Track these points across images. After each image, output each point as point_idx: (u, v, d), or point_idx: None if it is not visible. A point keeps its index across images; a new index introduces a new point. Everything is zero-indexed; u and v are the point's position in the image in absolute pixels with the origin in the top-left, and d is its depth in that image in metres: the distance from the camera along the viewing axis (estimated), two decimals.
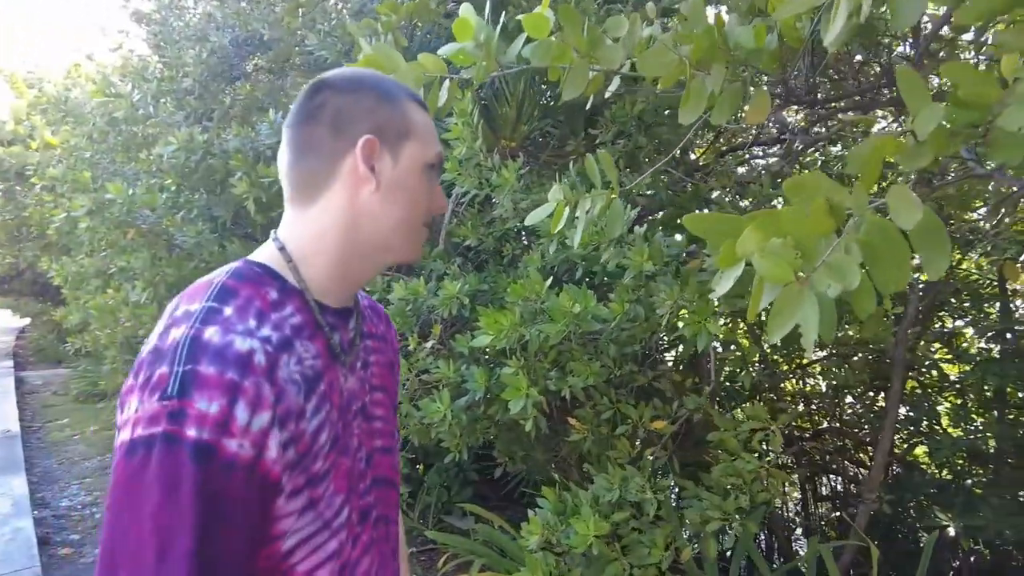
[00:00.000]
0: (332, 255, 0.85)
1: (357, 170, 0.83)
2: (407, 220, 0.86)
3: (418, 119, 0.88)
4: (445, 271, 2.83)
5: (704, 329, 1.73)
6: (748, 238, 0.72)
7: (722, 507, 1.90)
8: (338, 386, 0.83)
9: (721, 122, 1.17)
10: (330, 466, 0.79)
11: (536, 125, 3.50)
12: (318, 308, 0.83)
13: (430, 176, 0.88)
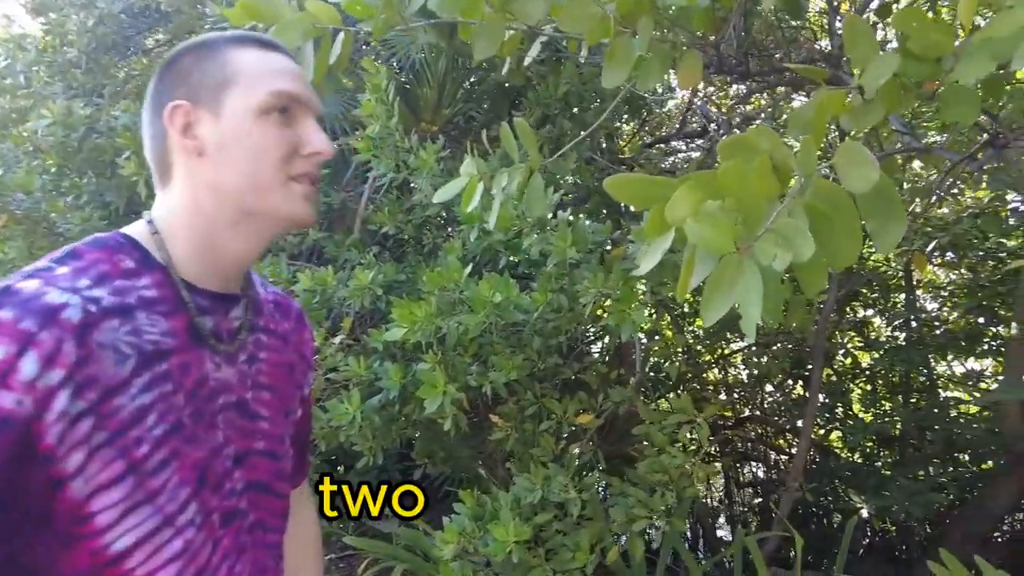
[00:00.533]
0: (192, 233, 0.80)
1: (180, 142, 0.79)
2: (254, 176, 0.78)
3: (242, 62, 0.80)
4: (360, 260, 2.64)
5: (629, 319, 1.63)
6: (680, 201, 0.60)
7: (648, 504, 1.81)
8: (198, 372, 0.78)
9: (648, 87, 1.06)
10: (169, 455, 0.72)
11: (459, 108, 3.35)
12: (185, 287, 0.78)
13: (272, 120, 0.79)
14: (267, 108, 0.78)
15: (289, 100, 0.79)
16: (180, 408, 0.75)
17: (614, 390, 2.15)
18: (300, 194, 0.79)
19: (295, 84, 0.80)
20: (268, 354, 0.89)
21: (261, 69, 0.79)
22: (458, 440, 2.33)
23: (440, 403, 1.70)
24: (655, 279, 1.79)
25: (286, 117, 0.79)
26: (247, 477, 0.83)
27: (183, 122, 0.78)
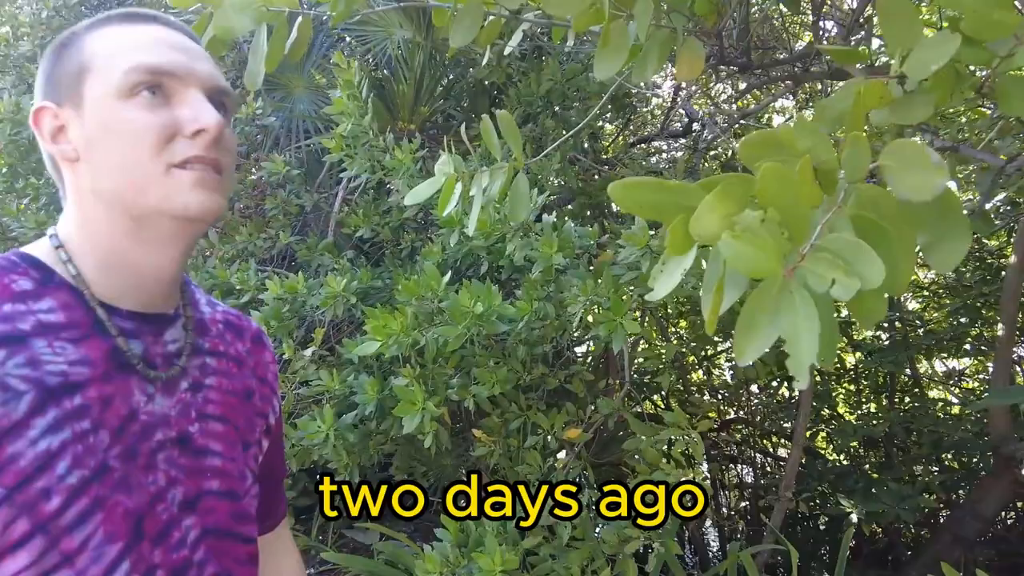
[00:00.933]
0: (95, 248, 0.69)
1: (53, 149, 0.70)
2: (127, 171, 0.65)
3: (98, 45, 0.69)
4: (333, 266, 2.51)
5: (620, 327, 1.52)
6: (709, 212, 0.49)
7: (641, 524, 1.71)
8: (124, 405, 0.66)
9: (645, 79, 0.94)
10: (90, 505, 0.61)
11: (437, 106, 3.22)
12: (103, 309, 0.67)
13: (139, 103, 0.66)
14: (127, 88, 0.65)
15: (156, 75, 0.66)
16: (103, 449, 0.63)
17: (602, 400, 2.04)
18: (188, 182, 0.65)
19: (163, 55, 0.67)
20: (218, 379, 0.78)
21: (119, 46, 0.67)
22: (440, 455, 2.21)
23: (419, 420, 1.57)
24: (644, 286, 1.68)
25: (159, 96, 0.66)
26: (202, 523, 0.72)
27: (51, 126, 0.69)
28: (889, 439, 4.15)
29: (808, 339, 0.46)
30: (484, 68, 2.48)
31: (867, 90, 0.62)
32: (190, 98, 0.67)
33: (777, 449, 5.04)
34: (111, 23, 0.70)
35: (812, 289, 0.47)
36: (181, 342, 0.74)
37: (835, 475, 3.99)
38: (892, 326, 4.21)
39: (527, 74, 2.46)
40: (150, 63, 0.66)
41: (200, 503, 0.72)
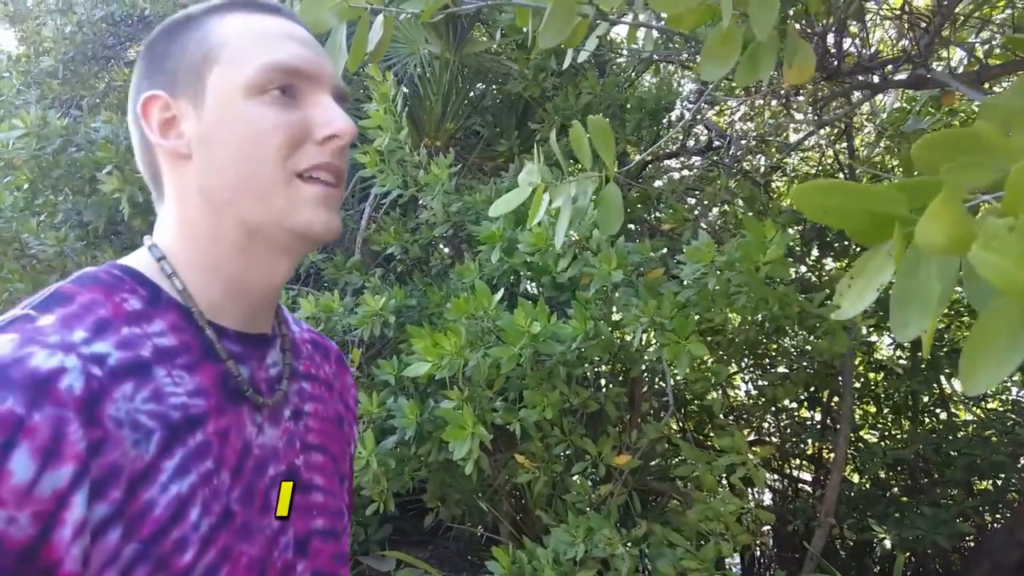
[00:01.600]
0: (197, 258, 0.62)
1: (160, 143, 0.62)
2: (248, 175, 0.59)
3: (226, 31, 0.62)
4: (363, 284, 2.44)
5: (685, 351, 1.45)
6: (936, 219, 0.42)
7: (701, 556, 1.62)
8: (241, 438, 0.59)
9: (749, 82, 0.88)
10: (218, 557, 0.54)
11: (463, 123, 3.17)
12: (212, 329, 0.60)
13: (268, 101, 0.59)
14: (259, 86, 0.59)
15: (291, 75, 0.60)
16: (226, 491, 0.57)
17: (648, 425, 1.96)
18: (311, 197, 0.60)
19: (299, 52, 0.62)
20: (314, 405, 0.71)
21: (251, 37, 0.61)
22: (477, 482, 2.12)
23: (468, 447, 1.49)
24: (704, 305, 1.61)
25: (289, 97, 0.61)
26: (312, 567, 0.65)
27: (161, 117, 0.61)
28: (915, 462, 4.05)
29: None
30: (519, 82, 2.43)
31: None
32: (320, 100, 0.61)
33: (800, 472, 4.92)
34: (236, 10, 0.64)
35: None
36: (280, 365, 0.68)
37: (865, 499, 3.88)
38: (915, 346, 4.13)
39: (563, 88, 2.42)
40: (287, 62, 0.60)
41: (310, 545, 0.65)
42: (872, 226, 0.48)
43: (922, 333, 0.46)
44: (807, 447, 4.69)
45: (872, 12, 1.83)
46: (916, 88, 1.18)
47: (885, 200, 0.48)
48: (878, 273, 0.49)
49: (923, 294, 0.47)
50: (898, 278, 0.50)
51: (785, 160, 3.58)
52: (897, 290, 0.50)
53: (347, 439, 0.77)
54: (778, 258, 1.52)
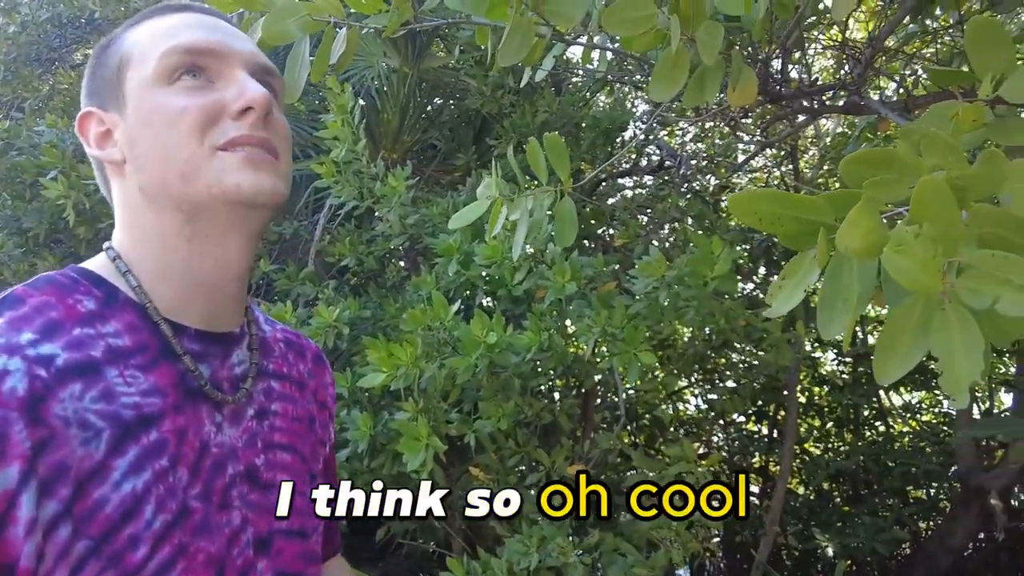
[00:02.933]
0: (148, 255, 0.63)
1: (100, 156, 0.65)
2: (170, 158, 0.60)
3: (136, 37, 0.65)
4: (316, 295, 2.42)
5: (635, 359, 1.49)
6: (855, 226, 0.46)
7: (650, 564, 1.66)
8: (199, 437, 0.60)
9: (697, 104, 0.93)
10: (173, 553, 0.55)
11: (421, 137, 3.20)
12: (171, 329, 0.61)
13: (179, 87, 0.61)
14: (166, 74, 0.61)
15: (193, 54, 0.61)
16: (184, 488, 0.58)
17: (601, 435, 2.00)
18: (235, 162, 0.60)
19: (199, 35, 0.63)
20: (282, 405, 0.71)
21: (156, 34, 0.64)
22: None
23: (422, 458, 1.50)
24: (654, 317, 1.67)
25: (201, 79, 0.62)
26: (273, 566, 0.65)
27: (97, 132, 0.65)
28: (856, 473, 4.21)
29: (969, 357, 0.44)
30: (477, 98, 2.47)
31: (965, 113, 0.61)
32: (234, 76, 0.62)
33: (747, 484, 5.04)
34: (146, 18, 0.67)
35: (969, 305, 0.45)
36: (247, 363, 0.68)
37: (809, 509, 4.01)
38: (858, 359, 4.31)
39: (521, 105, 2.47)
40: (186, 43, 0.62)
41: (272, 544, 0.66)
42: (801, 232, 0.53)
43: (844, 331, 0.50)
44: (754, 460, 4.83)
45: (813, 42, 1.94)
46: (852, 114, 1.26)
47: (812, 209, 0.53)
48: (806, 275, 0.53)
49: (845, 295, 0.51)
50: (823, 281, 0.55)
51: (734, 180, 3.72)
52: (822, 292, 0.55)
53: (320, 439, 0.77)
54: (725, 273, 1.59)
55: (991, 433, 2.65)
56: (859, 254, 0.46)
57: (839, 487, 4.51)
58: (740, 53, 0.88)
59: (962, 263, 0.47)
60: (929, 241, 0.44)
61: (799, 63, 1.38)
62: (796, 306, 0.55)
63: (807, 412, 4.78)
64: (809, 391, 4.63)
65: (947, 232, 0.46)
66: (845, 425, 4.73)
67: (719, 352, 3.21)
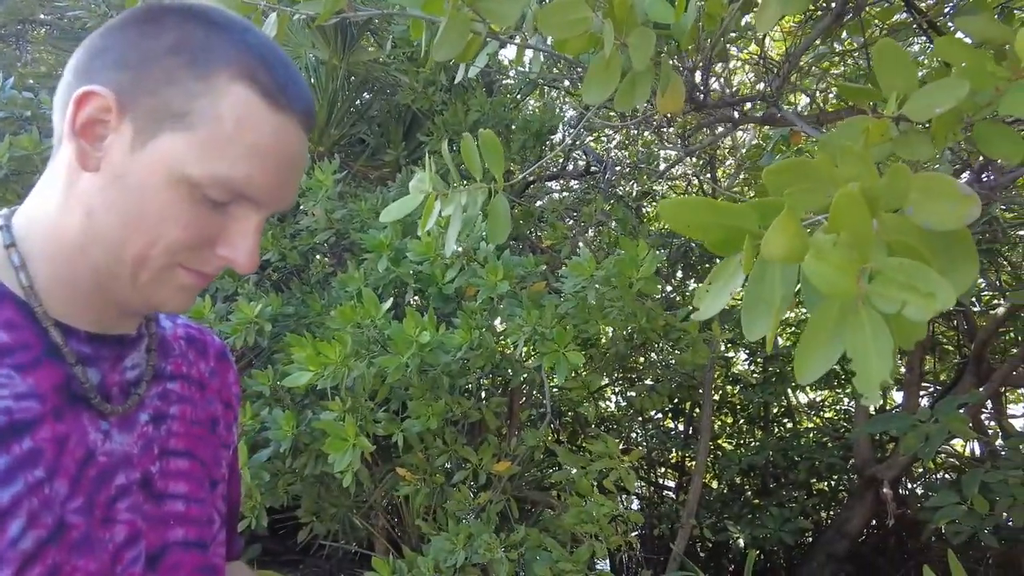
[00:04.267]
0: (56, 261, 0.57)
1: (74, 138, 0.55)
2: (135, 244, 0.54)
3: (222, 107, 0.53)
4: (236, 290, 2.32)
5: (562, 358, 1.52)
6: (780, 233, 0.49)
7: (575, 558, 1.69)
8: (81, 446, 0.56)
9: (627, 107, 0.96)
10: (46, 574, 0.51)
11: (348, 131, 3.13)
12: (58, 328, 0.56)
13: (197, 198, 0.54)
14: (201, 188, 0.54)
15: (237, 196, 0.56)
16: (61, 502, 0.53)
17: (528, 432, 2.02)
18: (181, 284, 0.57)
19: (264, 178, 0.55)
20: (181, 408, 0.67)
21: (239, 133, 0.54)
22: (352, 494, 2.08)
23: (349, 458, 1.47)
24: (581, 317, 1.70)
25: (222, 204, 0.56)
26: None
27: (88, 117, 0.54)
28: (766, 467, 4.45)
29: (880, 357, 0.47)
30: (408, 93, 2.45)
31: (874, 128, 0.66)
32: (248, 223, 0.57)
33: (665, 479, 5.23)
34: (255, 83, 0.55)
35: (880, 309, 0.49)
36: (142, 367, 0.64)
37: (722, 503, 4.21)
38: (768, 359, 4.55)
39: (452, 103, 2.46)
40: (243, 186, 0.55)
41: (164, 558, 0.61)
42: (727, 238, 0.56)
43: (767, 333, 0.53)
44: (671, 456, 5.02)
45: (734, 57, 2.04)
46: (769, 124, 1.33)
47: (738, 216, 0.56)
48: (731, 280, 0.56)
49: (768, 299, 0.54)
50: (748, 285, 0.58)
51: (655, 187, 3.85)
52: (747, 295, 0.58)
53: (223, 442, 0.73)
54: (650, 275, 1.64)
55: (883, 428, 2.86)
56: (783, 259, 0.49)
57: (750, 481, 4.74)
58: (668, 61, 0.91)
59: (874, 269, 0.51)
60: (845, 248, 0.48)
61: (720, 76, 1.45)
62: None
63: (720, 410, 5.01)
64: (722, 390, 4.85)
65: (861, 240, 0.49)
66: (756, 422, 4.99)
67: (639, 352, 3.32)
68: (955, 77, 0.62)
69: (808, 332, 0.50)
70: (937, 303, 0.45)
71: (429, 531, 1.70)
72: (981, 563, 3.68)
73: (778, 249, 0.49)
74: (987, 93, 0.67)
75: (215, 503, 0.69)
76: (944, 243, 0.61)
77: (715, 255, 0.59)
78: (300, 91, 0.58)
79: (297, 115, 0.57)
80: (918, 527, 3.58)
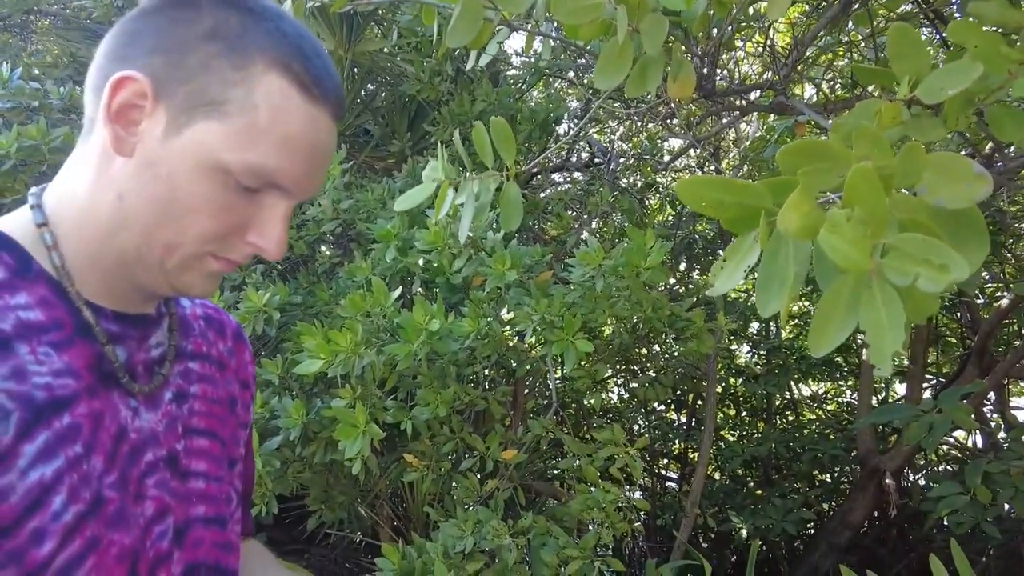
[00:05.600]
0: (88, 243, 0.58)
1: (109, 122, 0.55)
2: (165, 232, 0.55)
3: (258, 97, 0.54)
4: (243, 280, 2.34)
5: (572, 347, 1.53)
6: (794, 209, 0.50)
7: (581, 545, 1.71)
8: (115, 423, 0.57)
9: (639, 94, 0.97)
10: (85, 547, 0.52)
11: (353, 121, 3.13)
12: (89, 308, 0.57)
13: (230, 184, 0.55)
14: (234, 175, 0.55)
15: (270, 184, 0.57)
16: (98, 476, 0.54)
17: (534, 421, 2.03)
18: (208, 270, 0.59)
19: (295, 167, 0.57)
20: (202, 387, 0.69)
21: (273, 123, 0.55)
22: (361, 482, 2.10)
23: (360, 445, 1.49)
24: (588, 306, 1.71)
25: (252, 191, 0.57)
26: (187, 559, 0.63)
27: (124, 102, 0.54)
28: (768, 459, 4.47)
29: (893, 329, 0.48)
30: (414, 83, 2.45)
31: (886, 110, 0.67)
32: (276, 211, 0.58)
33: (668, 471, 5.25)
34: (292, 75, 0.56)
35: (893, 283, 0.50)
36: (165, 346, 0.65)
37: (725, 493, 4.23)
38: (771, 352, 4.56)
39: (459, 94, 2.46)
40: (275, 175, 0.56)
41: (188, 534, 0.63)
42: (742, 216, 0.56)
43: (780, 309, 0.54)
44: (674, 447, 5.04)
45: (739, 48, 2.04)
46: (777, 113, 1.34)
47: (754, 194, 0.57)
48: (746, 256, 0.57)
49: (781, 276, 0.55)
50: (762, 262, 0.59)
51: (659, 179, 3.85)
52: (761, 273, 0.59)
53: (241, 422, 0.75)
54: (657, 264, 1.65)
55: (886, 419, 2.88)
56: (797, 235, 0.50)
57: (752, 472, 4.76)
58: (679, 47, 0.92)
59: (887, 245, 0.52)
60: (860, 224, 0.49)
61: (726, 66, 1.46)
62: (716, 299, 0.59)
63: (723, 402, 5.03)
64: (725, 382, 4.87)
65: (875, 216, 0.50)
66: (758, 414, 5.00)
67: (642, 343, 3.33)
68: (967, 60, 0.62)
69: (823, 305, 0.51)
70: (951, 274, 0.46)
71: (437, 517, 1.71)
72: (983, 554, 3.69)
73: (793, 224, 0.50)
74: (999, 76, 0.68)
75: (232, 482, 0.71)
76: (954, 222, 0.62)
77: (717, 247, 0.60)
78: (333, 82, 0.59)
79: (330, 106, 0.58)
80: (920, 518, 3.60)
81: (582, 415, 4.50)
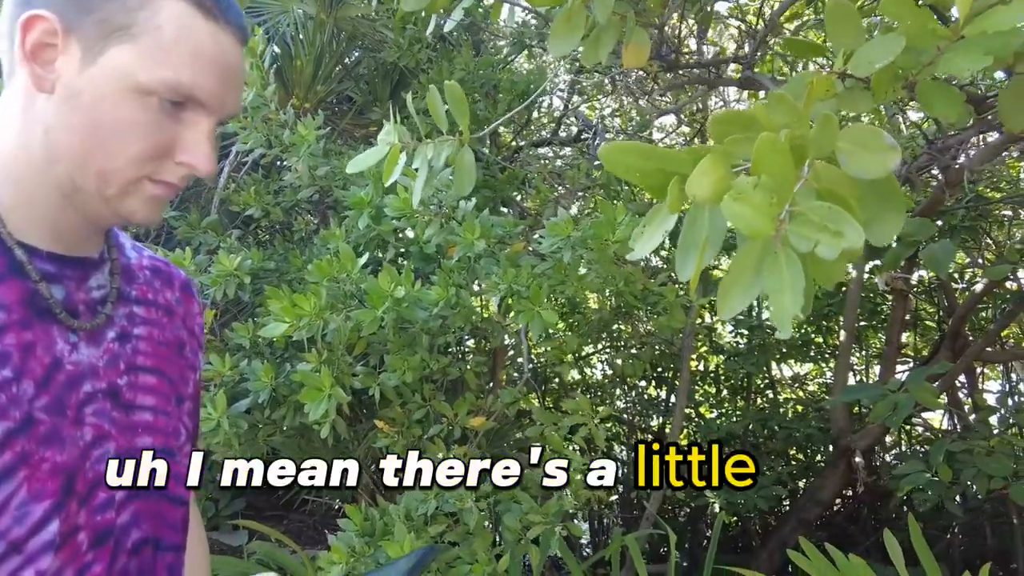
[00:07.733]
0: (16, 182, 0.61)
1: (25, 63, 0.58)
2: (99, 158, 0.59)
3: (162, 19, 0.58)
4: (219, 244, 2.34)
5: (537, 316, 1.55)
6: (706, 175, 0.52)
7: (544, 510, 1.75)
8: (49, 354, 0.61)
9: (593, 62, 0.97)
10: (14, 460, 0.56)
11: (335, 87, 3.10)
12: (21, 247, 0.60)
13: (152, 105, 0.59)
14: (153, 93, 0.58)
15: (188, 97, 0.60)
16: (29, 399, 0.58)
17: (504, 390, 2.06)
18: (149, 196, 0.62)
19: (209, 80, 0.61)
20: (147, 329, 0.73)
21: (181, 39, 0.59)
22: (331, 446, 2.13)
23: (324, 408, 1.51)
24: (558, 277, 1.73)
25: (176, 108, 0.61)
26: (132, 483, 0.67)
27: (36, 41, 0.58)
28: (745, 436, 4.54)
29: (794, 293, 0.50)
30: (394, 50, 2.43)
31: (818, 82, 0.68)
32: (200, 128, 0.62)
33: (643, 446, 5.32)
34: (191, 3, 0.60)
35: (796, 249, 0.51)
36: (107, 288, 0.69)
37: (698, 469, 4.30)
38: (752, 331, 4.60)
39: (438, 61, 2.44)
40: (191, 88, 0.59)
41: (135, 463, 0.66)
42: (664, 183, 0.58)
43: (694, 272, 0.56)
44: (653, 423, 5.10)
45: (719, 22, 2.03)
46: (745, 88, 1.34)
47: (675, 161, 0.58)
48: (663, 222, 0.59)
49: (698, 241, 0.57)
50: (683, 229, 0.60)
51: None
52: (681, 238, 0.60)
53: (190, 364, 0.79)
54: (625, 238, 1.66)
55: (855, 397, 2.93)
56: (707, 200, 0.52)
57: (728, 449, 4.84)
58: (634, 16, 0.92)
59: (794, 212, 0.53)
60: (766, 191, 0.50)
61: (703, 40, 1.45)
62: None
63: (704, 380, 5.09)
64: (706, 360, 4.92)
65: (782, 183, 0.52)
66: (739, 393, 5.07)
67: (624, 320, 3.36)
68: (894, 34, 0.63)
69: (730, 270, 0.52)
70: (845, 242, 0.48)
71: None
72: (947, 531, 3.79)
73: (702, 190, 0.51)
74: (929, 52, 0.69)
75: (181, 417, 0.75)
76: (875, 193, 0.64)
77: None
78: (234, 9, 0.63)
79: (232, 28, 0.62)
80: (889, 497, 3.68)
81: (564, 391, 4.55)
